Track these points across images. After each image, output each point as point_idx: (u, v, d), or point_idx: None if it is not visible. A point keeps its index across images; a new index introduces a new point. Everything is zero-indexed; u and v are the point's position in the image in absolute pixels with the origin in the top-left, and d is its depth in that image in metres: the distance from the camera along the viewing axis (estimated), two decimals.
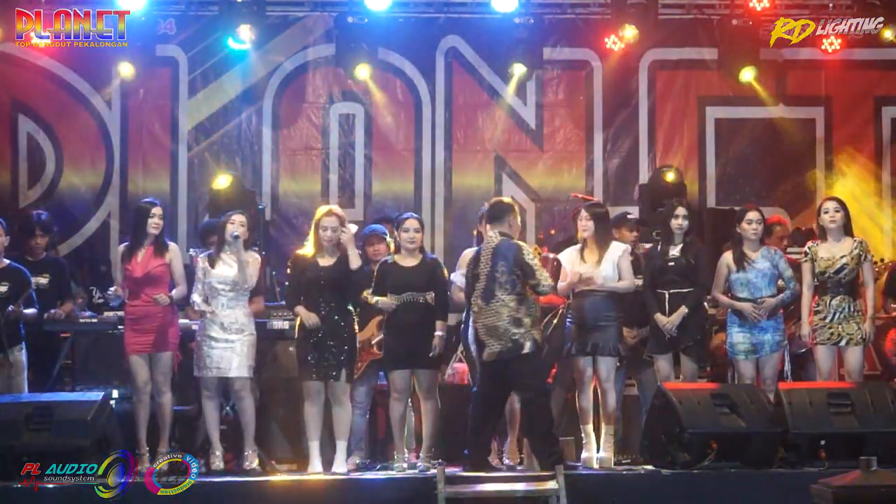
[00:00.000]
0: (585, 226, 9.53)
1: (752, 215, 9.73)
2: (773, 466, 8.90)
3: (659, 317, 9.55)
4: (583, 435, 9.52)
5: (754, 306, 9.52)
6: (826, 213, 9.66)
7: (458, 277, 9.48)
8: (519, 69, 12.95)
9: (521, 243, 9.14)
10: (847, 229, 9.65)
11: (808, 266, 9.59)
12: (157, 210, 9.44)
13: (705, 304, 9.86)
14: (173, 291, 9.35)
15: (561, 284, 9.53)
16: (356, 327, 9.38)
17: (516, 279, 8.95)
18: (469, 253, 9.49)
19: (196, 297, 9.31)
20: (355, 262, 9.27)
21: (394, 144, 13.31)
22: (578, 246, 9.65)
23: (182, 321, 9.60)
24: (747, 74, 12.81)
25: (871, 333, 9.61)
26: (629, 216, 10.62)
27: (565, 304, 9.65)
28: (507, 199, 9.51)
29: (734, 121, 13.39)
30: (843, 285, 9.52)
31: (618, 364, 9.68)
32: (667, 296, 9.61)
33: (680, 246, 9.71)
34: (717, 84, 13.27)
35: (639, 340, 9.86)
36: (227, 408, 9.76)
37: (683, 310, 9.51)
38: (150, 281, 9.30)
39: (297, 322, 9.29)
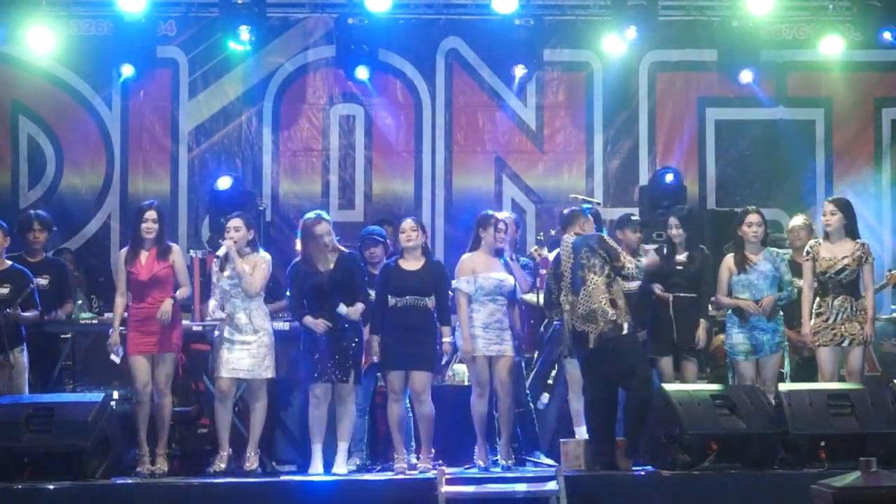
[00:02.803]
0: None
1: (753, 218, 9.74)
2: (773, 467, 8.90)
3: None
4: (577, 437, 9.51)
5: (754, 304, 9.54)
6: (823, 215, 9.71)
7: (462, 284, 9.41)
8: (519, 70, 12.97)
9: (599, 233, 9.29)
10: (848, 230, 9.64)
11: (809, 266, 9.60)
12: (149, 214, 9.30)
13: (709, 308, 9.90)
14: (177, 292, 9.31)
15: None
16: (362, 328, 9.37)
17: (603, 262, 9.02)
18: (468, 258, 9.43)
19: (212, 303, 9.30)
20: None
21: (394, 146, 13.31)
22: None
23: (185, 322, 9.60)
24: (747, 75, 12.84)
25: (871, 335, 9.62)
26: (633, 217, 10.63)
27: None
28: (574, 209, 9.54)
29: (734, 122, 13.40)
30: (845, 286, 9.53)
31: None
32: (671, 298, 9.65)
33: (687, 252, 9.77)
34: (717, 85, 13.28)
35: None
36: None
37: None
38: (155, 284, 9.25)
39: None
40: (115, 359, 9.27)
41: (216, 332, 9.35)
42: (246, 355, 9.18)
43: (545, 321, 9.94)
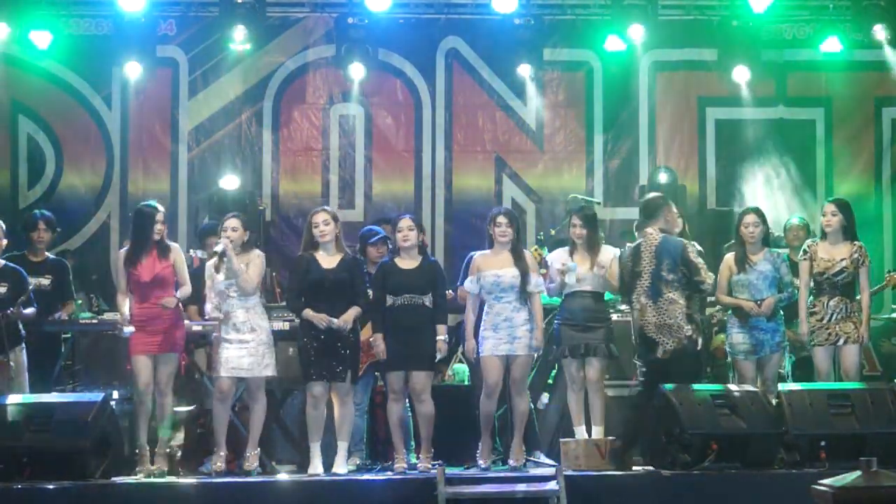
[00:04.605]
0: (580, 233, 9.50)
1: (749, 218, 9.75)
2: (773, 467, 8.90)
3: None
4: (577, 437, 9.51)
5: (755, 305, 9.55)
6: (823, 216, 9.72)
7: (467, 283, 9.38)
8: (519, 70, 12.98)
9: (685, 241, 9.26)
10: (847, 232, 9.64)
11: (806, 265, 9.61)
12: (160, 215, 9.37)
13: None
14: (178, 292, 9.32)
15: (550, 285, 9.54)
16: (359, 328, 9.37)
17: (682, 276, 9.04)
18: (475, 257, 9.39)
19: (207, 306, 9.29)
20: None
21: (394, 145, 13.32)
22: (567, 248, 9.64)
23: (186, 322, 9.59)
24: (743, 75, 12.86)
25: (867, 338, 9.62)
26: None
27: None
28: (658, 194, 9.53)
29: (734, 121, 13.41)
30: (840, 287, 9.54)
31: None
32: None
33: None
34: (717, 85, 13.29)
35: None
36: None
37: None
38: (157, 284, 9.24)
39: (303, 323, 9.27)
40: (123, 332, 9.22)
41: (214, 333, 9.35)
42: (245, 354, 9.17)
43: (545, 320, 9.92)
